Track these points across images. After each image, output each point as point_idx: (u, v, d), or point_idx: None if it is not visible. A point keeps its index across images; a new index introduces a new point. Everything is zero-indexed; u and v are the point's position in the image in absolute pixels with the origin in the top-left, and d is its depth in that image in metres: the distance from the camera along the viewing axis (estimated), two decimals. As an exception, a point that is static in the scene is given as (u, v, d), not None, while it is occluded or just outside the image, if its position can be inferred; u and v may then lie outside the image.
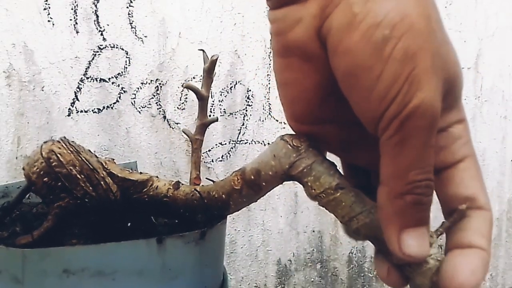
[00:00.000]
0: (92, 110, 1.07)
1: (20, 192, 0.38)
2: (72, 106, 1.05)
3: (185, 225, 0.39)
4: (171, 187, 0.38)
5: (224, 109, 1.19)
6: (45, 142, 0.37)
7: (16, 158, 1.02)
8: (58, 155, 0.35)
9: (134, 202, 0.38)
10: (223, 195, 0.35)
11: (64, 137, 0.38)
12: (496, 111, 1.48)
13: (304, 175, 0.31)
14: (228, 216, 0.41)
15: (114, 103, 1.08)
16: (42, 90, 1.02)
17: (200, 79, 1.16)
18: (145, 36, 1.09)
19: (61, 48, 1.03)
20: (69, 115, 1.05)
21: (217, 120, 0.40)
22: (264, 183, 0.33)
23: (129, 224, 0.40)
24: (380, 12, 0.22)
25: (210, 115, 1.19)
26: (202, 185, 0.38)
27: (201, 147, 0.42)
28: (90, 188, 0.36)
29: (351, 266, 1.38)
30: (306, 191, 0.32)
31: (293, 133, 0.32)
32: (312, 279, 1.34)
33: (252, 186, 0.34)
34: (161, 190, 0.38)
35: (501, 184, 1.52)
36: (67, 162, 0.35)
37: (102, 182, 0.36)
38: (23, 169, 0.36)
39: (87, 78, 1.06)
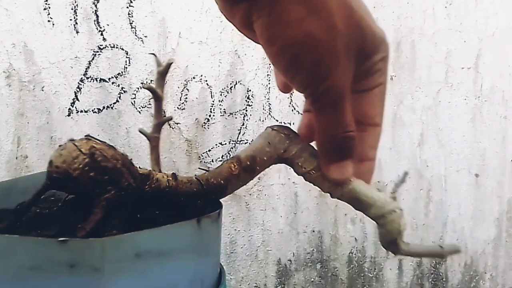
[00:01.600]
0: (92, 110, 1.07)
1: (38, 191, 0.38)
2: (72, 106, 1.05)
3: (181, 214, 0.41)
4: (171, 178, 0.40)
5: (224, 109, 1.19)
6: (70, 140, 0.38)
7: (16, 158, 1.02)
8: (100, 150, 0.37)
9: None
10: (222, 181, 0.40)
11: (89, 135, 0.39)
12: (496, 111, 1.48)
13: (295, 157, 0.39)
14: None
15: (114, 103, 1.08)
16: (42, 90, 1.02)
17: (201, 79, 1.17)
18: (145, 36, 1.09)
19: (61, 48, 1.03)
20: (69, 115, 1.05)
21: (171, 118, 0.45)
22: (258, 167, 0.40)
23: (138, 215, 0.42)
24: (290, 35, 0.31)
25: (210, 115, 1.19)
26: (195, 174, 0.41)
27: (159, 145, 0.45)
28: (131, 179, 0.38)
29: (351, 266, 1.38)
30: (297, 169, 0.39)
31: (278, 124, 0.40)
32: (312, 279, 1.34)
33: (248, 170, 0.40)
34: (162, 182, 0.40)
35: (501, 184, 1.52)
36: (111, 156, 0.37)
37: (137, 175, 0.39)
38: (56, 167, 0.36)
39: (87, 78, 1.06)
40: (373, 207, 0.40)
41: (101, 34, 1.06)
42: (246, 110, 1.21)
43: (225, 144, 1.18)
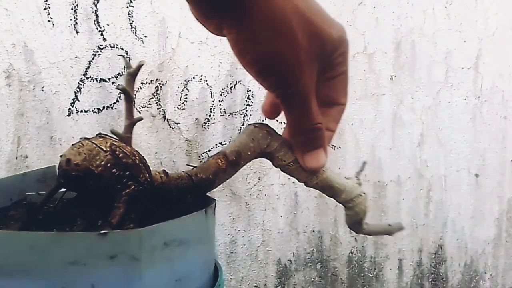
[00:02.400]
0: (92, 110, 1.07)
1: (50, 190, 0.39)
2: (72, 106, 1.05)
3: (172, 209, 0.43)
4: (163, 175, 0.42)
5: (224, 109, 1.19)
6: (85, 139, 0.39)
7: (16, 158, 1.02)
8: (120, 147, 0.39)
9: None
10: (210, 175, 0.43)
11: (100, 133, 0.40)
12: (496, 111, 1.49)
13: (276, 151, 0.43)
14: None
15: (114, 103, 1.08)
16: (42, 90, 1.02)
17: (201, 79, 1.17)
18: (145, 36, 1.09)
19: (61, 48, 1.03)
20: (69, 115, 1.05)
21: (142, 119, 0.47)
22: (242, 162, 0.43)
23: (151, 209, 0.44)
24: (258, 52, 0.34)
25: (210, 115, 1.19)
26: (183, 171, 0.44)
27: (131, 145, 0.47)
28: (147, 174, 0.40)
29: (351, 266, 1.38)
30: (276, 162, 0.44)
31: (259, 122, 0.44)
32: (312, 279, 1.34)
33: (233, 165, 0.43)
34: (155, 178, 0.42)
35: (501, 184, 1.52)
36: (130, 153, 0.39)
37: (149, 170, 0.41)
38: (76, 165, 0.37)
39: (87, 78, 1.06)
40: (344, 193, 0.45)
41: (101, 34, 1.06)
42: (246, 110, 1.21)
43: (225, 144, 1.18)
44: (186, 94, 1.15)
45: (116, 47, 1.07)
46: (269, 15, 0.33)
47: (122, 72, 1.08)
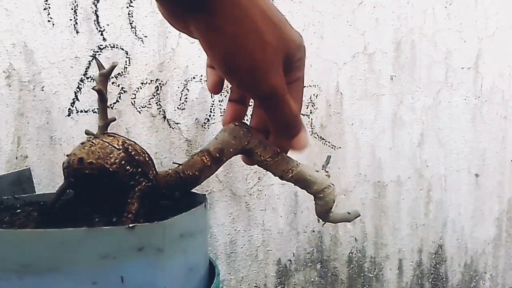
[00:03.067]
0: (92, 110, 1.07)
1: (60, 189, 0.39)
2: (72, 106, 1.05)
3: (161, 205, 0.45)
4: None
5: (224, 109, 1.19)
6: (95, 137, 0.39)
7: (16, 158, 1.02)
8: (131, 145, 0.40)
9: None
10: (196, 172, 0.44)
11: (107, 132, 0.41)
12: (496, 111, 1.49)
13: (256, 147, 0.46)
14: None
15: (114, 103, 1.08)
16: (42, 90, 1.02)
17: (200, 79, 1.17)
18: (145, 36, 1.09)
19: (61, 48, 1.03)
20: (69, 115, 1.05)
21: (115, 119, 0.47)
22: (225, 158, 0.45)
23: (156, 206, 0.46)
24: (224, 50, 0.35)
25: (210, 115, 1.19)
26: (169, 169, 0.45)
27: None
28: (155, 171, 0.41)
29: (351, 266, 1.38)
30: (256, 158, 0.46)
31: (238, 121, 0.46)
32: (312, 279, 1.34)
33: (217, 161, 0.45)
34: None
35: (501, 184, 1.52)
36: (140, 150, 0.41)
37: (155, 167, 0.42)
38: (89, 163, 0.37)
39: (87, 78, 1.06)
40: (315, 184, 0.48)
41: (101, 34, 1.06)
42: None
43: (225, 144, 1.18)
44: (186, 94, 1.15)
45: (116, 47, 1.07)
46: (233, 11, 0.33)
47: (122, 72, 1.08)
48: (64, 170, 0.39)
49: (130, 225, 0.35)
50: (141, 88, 1.10)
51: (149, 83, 1.10)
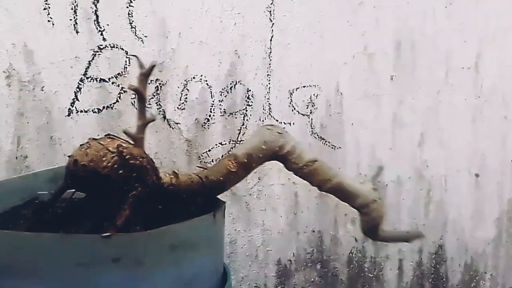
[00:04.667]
0: (92, 110, 1.07)
1: (57, 191, 0.39)
2: (72, 106, 1.05)
3: (182, 211, 0.43)
4: (173, 176, 0.42)
5: (224, 109, 1.19)
6: (93, 140, 0.39)
7: (16, 158, 1.02)
8: (127, 148, 0.38)
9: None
10: (221, 178, 0.43)
11: (109, 133, 0.40)
12: (497, 111, 1.48)
13: (289, 153, 0.43)
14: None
15: (114, 103, 1.08)
16: (42, 90, 1.02)
17: (200, 79, 1.17)
18: (145, 36, 1.09)
19: (61, 48, 1.03)
20: (69, 115, 1.05)
21: (155, 119, 0.46)
22: (254, 164, 0.44)
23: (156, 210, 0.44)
24: None
25: (210, 115, 1.19)
26: (193, 172, 0.42)
27: (144, 145, 0.46)
28: (154, 176, 0.40)
29: (351, 266, 1.38)
30: (289, 165, 0.44)
31: (271, 124, 0.43)
32: (312, 279, 1.34)
33: (245, 167, 0.43)
34: (165, 180, 0.42)
35: (501, 184, 1.52)
36: (137, 154, 0.39)
37: (157, 172, 0.41)
38: (83, 166, 0.37)
39: (87, 78, 1.05)
40: (359, 198, 0.45)
41: (101, 34, 1.06)
42: (246, 110, 1.21)
43: (225, 144, 1.18)
44: (186, 94, 1.15)
45: (116, 47, 1.07)
46: None
47: (122, 72, 1.08)
48: (66, 170, 0.39)
49: (106, 234, 0.33)
50: (141, 88, 1.10)
51: (149, 83, 1.10)
